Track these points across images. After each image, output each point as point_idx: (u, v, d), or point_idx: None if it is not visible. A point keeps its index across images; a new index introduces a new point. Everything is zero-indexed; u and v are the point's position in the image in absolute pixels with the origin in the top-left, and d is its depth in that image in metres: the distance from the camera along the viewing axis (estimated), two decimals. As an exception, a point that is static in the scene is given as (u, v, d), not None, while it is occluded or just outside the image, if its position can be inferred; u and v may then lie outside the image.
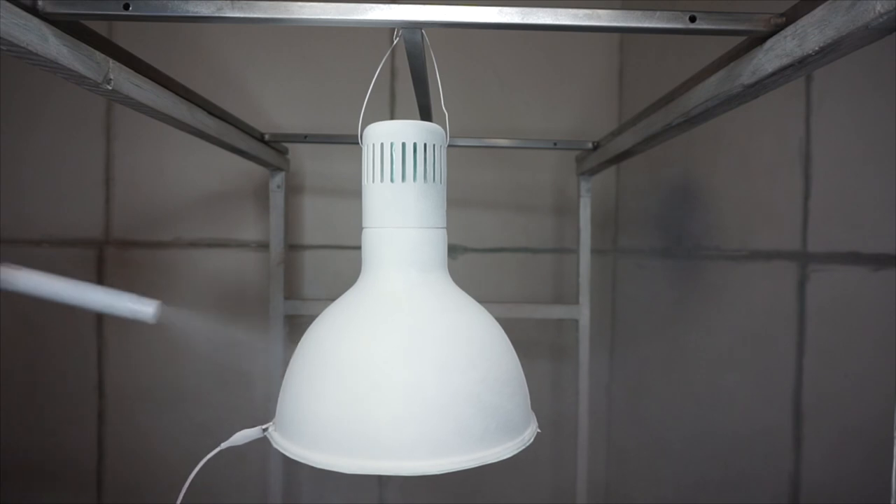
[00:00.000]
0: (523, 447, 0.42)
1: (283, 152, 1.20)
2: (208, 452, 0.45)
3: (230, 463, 1.32)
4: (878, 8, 0.33)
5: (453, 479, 1.34)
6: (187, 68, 1.29)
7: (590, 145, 1.08)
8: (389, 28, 0.48)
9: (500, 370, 0.42)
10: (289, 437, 0.42)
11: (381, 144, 0.44)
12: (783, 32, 0.43)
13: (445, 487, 1.37)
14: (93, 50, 0.50)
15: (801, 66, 0.42)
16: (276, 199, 1.22)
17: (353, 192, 1.36)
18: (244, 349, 1.34)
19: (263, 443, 0.46)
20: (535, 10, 0.45)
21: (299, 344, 0.45)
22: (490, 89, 1.38)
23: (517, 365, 0.45)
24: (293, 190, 1.34)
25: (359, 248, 0.46)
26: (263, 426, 0.45)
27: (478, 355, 0.42)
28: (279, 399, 0.44)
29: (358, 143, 0.46)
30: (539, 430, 0.44)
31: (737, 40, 0.50)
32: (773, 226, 0.85)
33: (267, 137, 1.06)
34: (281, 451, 0.42)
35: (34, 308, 1.32)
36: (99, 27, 0.52)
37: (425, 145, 0.44)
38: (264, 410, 1.29)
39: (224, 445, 0.45)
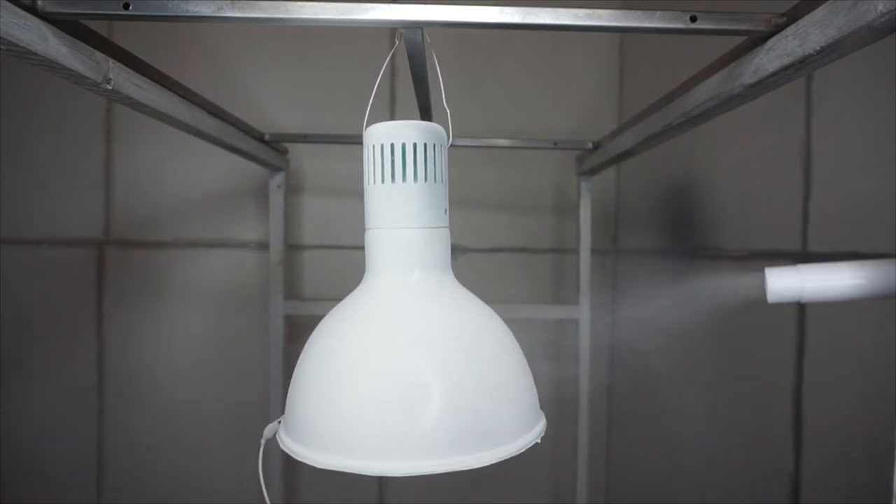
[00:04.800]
0: (531, 444, 0.42)
1: (282, 152, 1.20)
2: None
3: (230, 463, 1.32)
4: (880, 7, 0.33)
5: (453, 479, 1.34)
6: (187, 68, 1.29)
7: (590, 145, 1.08)
8: (389, 28, 0.47)
9: (505, 372, 0.42)
10: (290, 436, 0.42)
11: (382, 145, 0.44)
12: (784, 32, 0.43)
13: (445, 487, 1.36)
14: (93, 50, 0.50)
15: (803, 66, 0.42)
16: (276, 198, 1.22)
17: (352, 192, 1.36)
18: (244, 349, 1.34)
19: (267, 442, 0.47)
20: (535, 10, 0.45)
21: (306, 345, 0.45)
22: (490, 89, 1.37)
23: (524, 365, 0.45)
24: (293, 190, 1.34)
25: (359, 248, 0.46)
26: (280, 419, 0.46)
27: (482, 357, 0.41)
28: (287, 399, 0.45)
29: (357, 143, 0.46)
30: (539, 442, 0.43)
31: (737, 40, 0.49)
32: (773, 226, 0.85)
33: (267, 137, 1.06)
34: (281, 446, 0.42)
35: (34, 308, 1.32)
36: (99, 27, 0.52)
37: (426, 145, 0.44)
38: (264, 410, 1.29)
39: (263, 441, 0.47)
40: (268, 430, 0.47)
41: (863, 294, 0.50)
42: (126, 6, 0.44)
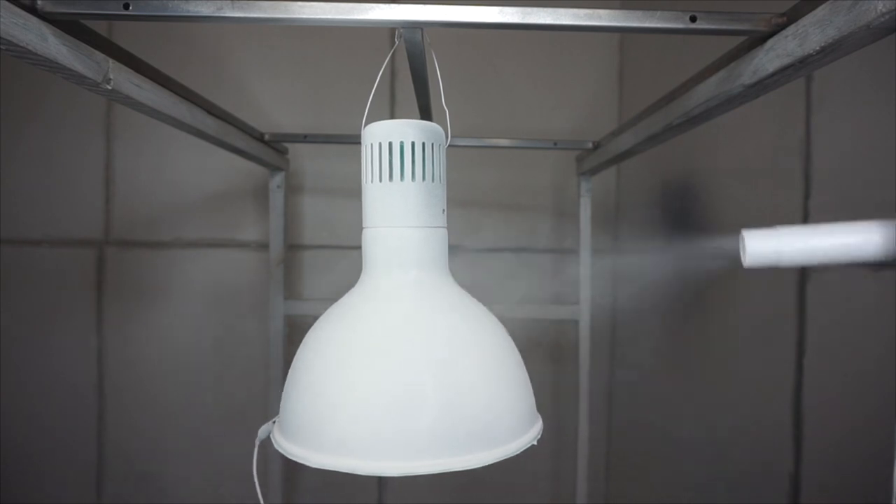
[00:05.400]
0: (526, 446, 0.42)
1: (282, 152, 1.20)
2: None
3: (230, 462, 1.32)
4: (880, 7, 0.33)
5: (453, 479, 1.34)
6: (187, 68, 1.29)
7: (590, 145, 1.08)
8: (389, 28, 0.47)
9: (500, 373, 0.42)
10: (285, 435, 0.42)
11: (380, 144, 0.44)
12: (784, 32, 0.43)
13: (446, 488, 1.36)
14: (92, 50, 0.50)
15: (802, 66, 0.42)
16: (276, 199, 1.22)
17: (352, 192, 1.36)
18: (244, 349, 1.34)
19: (263, 443, 0.47)
20: (535, 10, 0.45)
21: (301, 344, 0.45)
22: (490, 89, 1.37)
23: (520, 367, 0.45)
24: (293, 190, 1.34)
25: (359, 248, 0.46)
26: (274, 419, 0.46)
27: (477, 358, 0.41)
28: (282, 398, 0.45)
29: (358, 143, 0.46)
30: (535, 444, 0.43)
31: (737, 40, 0.49)
32: (773, 226, 0.84)
33: (267, 137, 1.06)
34: (275, 446, 0.43)
35: (34, 308, 1.32)
36: (99, 27, 0.52)
37: (424, 144, 0.44)
38: (264, 410, 1.29)
39: (258, 441, 0.47)
40: (261, 431, 0.47)
41: (844, 257, 0.47)
42: (126, 6, 0.44)
